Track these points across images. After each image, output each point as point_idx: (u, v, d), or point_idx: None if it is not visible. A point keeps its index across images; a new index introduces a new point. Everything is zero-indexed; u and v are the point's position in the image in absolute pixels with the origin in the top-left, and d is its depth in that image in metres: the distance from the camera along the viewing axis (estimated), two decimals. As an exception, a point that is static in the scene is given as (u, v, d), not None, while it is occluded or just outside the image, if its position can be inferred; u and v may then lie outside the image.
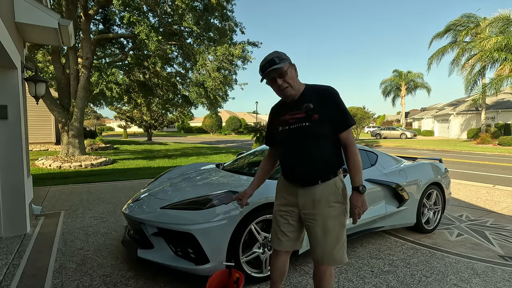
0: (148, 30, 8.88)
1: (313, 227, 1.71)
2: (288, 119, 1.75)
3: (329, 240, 1.69)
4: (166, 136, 39.30)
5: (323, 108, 1.68)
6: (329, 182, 1.71)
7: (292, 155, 1.75)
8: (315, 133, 1.68)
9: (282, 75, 1.67)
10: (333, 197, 1.71)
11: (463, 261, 2.99)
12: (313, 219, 1.71)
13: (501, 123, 24.62)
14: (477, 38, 21.10)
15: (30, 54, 9.50)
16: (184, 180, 3.22)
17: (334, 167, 1.74)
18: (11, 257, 2.87)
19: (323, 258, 1.71)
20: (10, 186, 3.41)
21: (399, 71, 39.51)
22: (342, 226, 1.72)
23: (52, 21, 3.55)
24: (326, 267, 1.74)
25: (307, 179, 1.72)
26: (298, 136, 1.71)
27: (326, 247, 1.69)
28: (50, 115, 13.59)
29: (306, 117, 1.68)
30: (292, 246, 1.85)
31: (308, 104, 1.68)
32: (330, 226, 1.69)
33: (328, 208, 1.70)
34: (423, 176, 3.75)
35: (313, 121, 1.67)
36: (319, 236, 1.70)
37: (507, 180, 7.98)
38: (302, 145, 1.70)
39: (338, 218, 1.71)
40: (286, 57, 1.70)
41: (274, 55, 1.68)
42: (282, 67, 1.65)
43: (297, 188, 1.75)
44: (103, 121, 66.57)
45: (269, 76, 1.69)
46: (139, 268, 2.68)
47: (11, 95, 3.39)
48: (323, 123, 1.67)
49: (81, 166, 8.94)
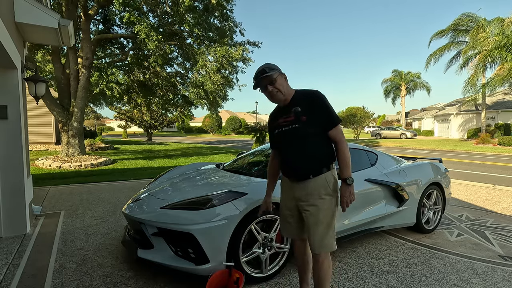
0: (148, 30, 8.88)
1: (307, 217, 1.91)
2: (281, 122, 1.96)
3: (320, 229, 1.87)
4: (166, 136, 39.30)
5: (310, 110, 1.87)
6: (321, 176, 1.89)
7: (286, 154, 1.98)
8: (304, 133, 1.87)
9: (272, 82, 1.87)
10: (323, 190, 1.89)
11: (463, 261, 2.99)
12: (306, 210, 1.91)
13: (501, 123, 24.63)
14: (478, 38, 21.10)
15: (30, 54, 9.49)
16: (184, 180, 3.22)
17: (324, 162, 1.92)
18: (11, 257, 2.87)
19: (315, 245, 1.89)
20: (10, 186, 3.41)
21: (398, 71, 39.53)
22: (332, 216, 1.91)
23: (52, 21, 3.55)
24: (323, 258, 1.91)
25: (299, 175, 1.93)
26: (290, 137, 1.92)
27: (317, 235, 1.88)
28: (50, 115, 13.59)
29: (295, 120, 1.88)
30: (298, 233, 2.06)
31: (296, 108, 1.88)
32: (321, 216, 1.87)
33: (319, 200, 1.88)
34: (423, 176, 3.75)
35: (301, 123, 1.86)
36: (312, 225, 1.89)
37: (507, 180, 7.98)
38: (294, 145, 1.91)
39: (328, 209, 1.89)
40: (276, 67, 1.91)
41: (265, 66, 1.89)
42: (272, 75, 1.86)
43: (293, 183, 1.97)
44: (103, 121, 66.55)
45: (261, 83, 1.89)
46: (139, 268, 2.68)
47: (11, 95, 3.39)
48: (311, 124, 1.86)
49: (81, 166, 8.94)
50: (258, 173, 3.20)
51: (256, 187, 2.61)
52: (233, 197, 2.44)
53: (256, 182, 2.81)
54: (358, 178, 1.76)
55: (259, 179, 2.87)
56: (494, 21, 21.41)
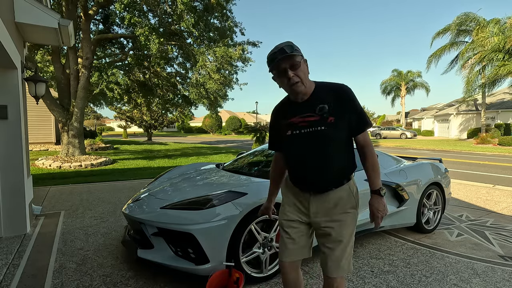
0: (148, 33, 8.89)
1: (328, 234, 1.57)
2: (299, 122, 1.55)
3: (340, 248, 1.56)
4: (166, 136, 39.30)
5: (338, 109, 1.52)
6: (343, 187, 1.58)
7: (304, 162, 1.58)
8: (331, 138, 1.51)
9: (294, 67, 1.47)
10: (348, 203, 1.59)
11: (463, 261, 2.99)
12: (326, 227, 1.57)
13: (501, 123, 24.63)
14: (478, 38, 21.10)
15: (30, 54, 9.49)
16: (184, 180, 3.22)
17: (348, 172, 1.62)
18: (11, 257, 2.87)
19: (332, 267, 1.56)
20: (10, 186, 3.41)
21: (398, 71, 39.52)
22: (352, 233, 1.61)
23: (52, 21, 3.55)
24: (338, 283, 1.58)
25: (320, 187, 1.58)
26: (311, 141, 1.53)
27: (335, 256, 1.56)
28: (50, 115, 13.60)
29: (320, 120, 1.51)
30: (301, 254, 1.68)
31: (323, 106, 1.51)
32: (344, 233, 1.56)
33: (343, 215, 1.57)
34: (423, 176, 3.75)
35: (328, 124, 1.50)
36: (331, 244, 1.57)
37: (507, 180, 7.98)
38: (316, 151, 1.53)
39: (351, 225, 1.59)
40: (298, 49, 1.51)
41: (287, 44, 1.48)
42: (295, 57, 1.46)
43: (309, 196, 1.60)
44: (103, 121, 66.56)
45: (279, 66, 1.47)
46: (139, 268, 2.68)
47: (11, 95, 3.39)
48: (339, 126, 1.51)
49: (81, 166, 8.94)
50: (258, 173, 3.20)
51: (256, 187, 2.61)
52: (233, 197, 2.44)
53: (256, 182, 2.81)
54: (358, 178, 1.74)
55: (259, 179, 2.87)
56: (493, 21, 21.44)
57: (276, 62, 1.47)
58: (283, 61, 1.46)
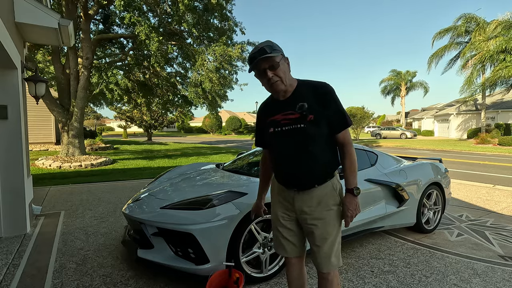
0: (148, 31, 8.89)
1: (312, 232, 1.61)
2: (280, 119, 1.59)
3: (328, 244, 1.60)
4: (166, 136, 39.29)
5: (319, 107, 1.54)
6: (327, 184, 1.61)
7: (286, 159, 1.61)
8: (311, 135, 1.53)
9: (273, 67, 1.50)
10: (331, 200, 1.61)
11: (463, 261, 2.99)
12: (311, 224, 1.60)
13: (501, 123, 24.63)
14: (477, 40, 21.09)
15: (30, 54, 9.50)
16: (184, 180, 3.22)
17: (331, 169, 1.63)
18: (11, 257, 2.87)
19: (322, 264, 1.62)
20: (10, 186, 3.41)
21: (397, 71, 39.51)
22: (339, 229, 1.65)
23: (52, 21, 3.55)
24: (332, 276, 1.63)
25: (303, 184, 1.60)
26: (291, 138, 1.56)
27: (324, 252, 1.60)
28: (50, 115, 13.58)
29: (300, 118, 1.53)
30: (298, 252, 1.74)
31: (303, 104, 1.54)
32: (329, 230, 1.60)
33: (327, 212, 1.60)
34: (423, 176, 3.75)
35: (308, 122, 1.52)
36: (318, 241, 1.60)
37: (507, 180, 7.97)
38: (297, 148, 1.56)
39: (336, 222, 1.63)
40: (279, 48, 1.54)
41: (265, 44, 1.51)
42: (274, 58, 1.49)
43: (293, 193, 1.64)
44: (103, 121, 66.55)
45: (259, 66, 1.51)
46: (139, 268, 2.68)
47: (11, 95, 3.39)
48: (319, 124, 1.53)
49: (81, 166, 8.94)
50: (258, 173, 3.20)
51: (256, 187, 2.59)
52: (233, 197, 2.44)
53: (256, 182, 2.78)
54: (358, 178, 1.74)
55: (259, 179, 2.86)
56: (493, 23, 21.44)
57: (255, 62, 1.50)
58: (263, 61, 1.49)
